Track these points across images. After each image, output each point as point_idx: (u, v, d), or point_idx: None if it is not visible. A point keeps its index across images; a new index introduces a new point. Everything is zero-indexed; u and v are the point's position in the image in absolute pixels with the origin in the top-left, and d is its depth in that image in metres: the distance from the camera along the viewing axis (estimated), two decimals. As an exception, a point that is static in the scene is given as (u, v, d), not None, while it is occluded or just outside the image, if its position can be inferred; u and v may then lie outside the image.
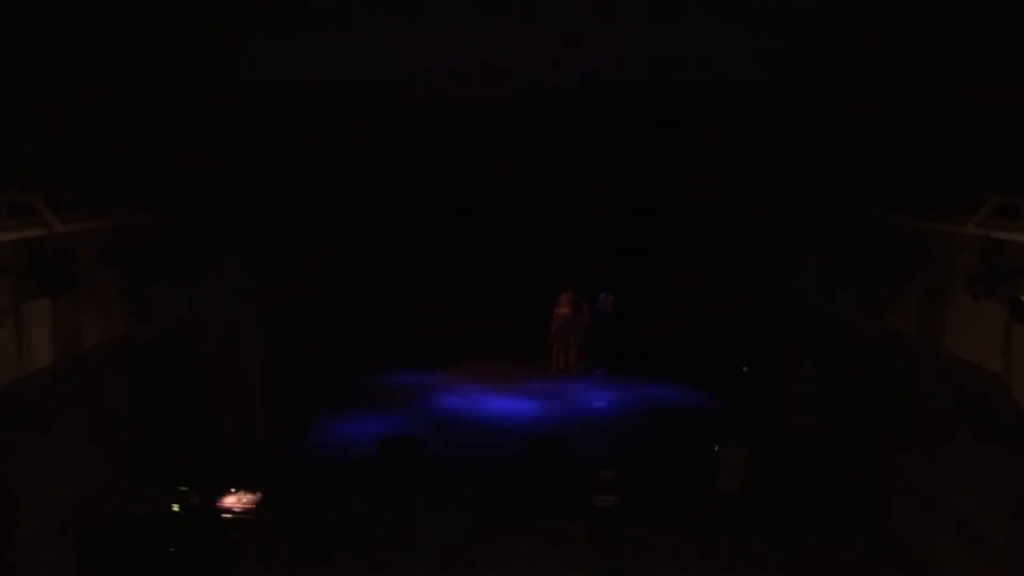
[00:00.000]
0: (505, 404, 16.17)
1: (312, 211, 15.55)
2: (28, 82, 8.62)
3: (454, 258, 18.91)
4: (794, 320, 14.29)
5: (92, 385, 10.48)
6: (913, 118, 10.10)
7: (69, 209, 8.37)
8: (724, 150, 15.55)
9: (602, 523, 10.39)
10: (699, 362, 17.44)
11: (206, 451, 12.73)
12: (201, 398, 13.42)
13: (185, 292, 12.11)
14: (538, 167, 17.75)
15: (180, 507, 10.01)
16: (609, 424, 15.24)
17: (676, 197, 17.38)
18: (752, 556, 10.63)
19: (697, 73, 12.23)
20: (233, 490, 10.63)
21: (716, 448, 11.49)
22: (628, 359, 18.23)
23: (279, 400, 14.23)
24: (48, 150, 8.96)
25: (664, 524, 11.06)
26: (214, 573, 9.78)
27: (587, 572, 10.29)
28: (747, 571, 10.40)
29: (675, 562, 10.45)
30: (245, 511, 10.36)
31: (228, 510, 10.34)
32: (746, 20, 9.60)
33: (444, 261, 18.90)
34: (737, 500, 11.30)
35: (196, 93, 11.64)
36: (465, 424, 15.02)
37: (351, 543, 10.82)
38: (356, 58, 11.31)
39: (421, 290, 18.76)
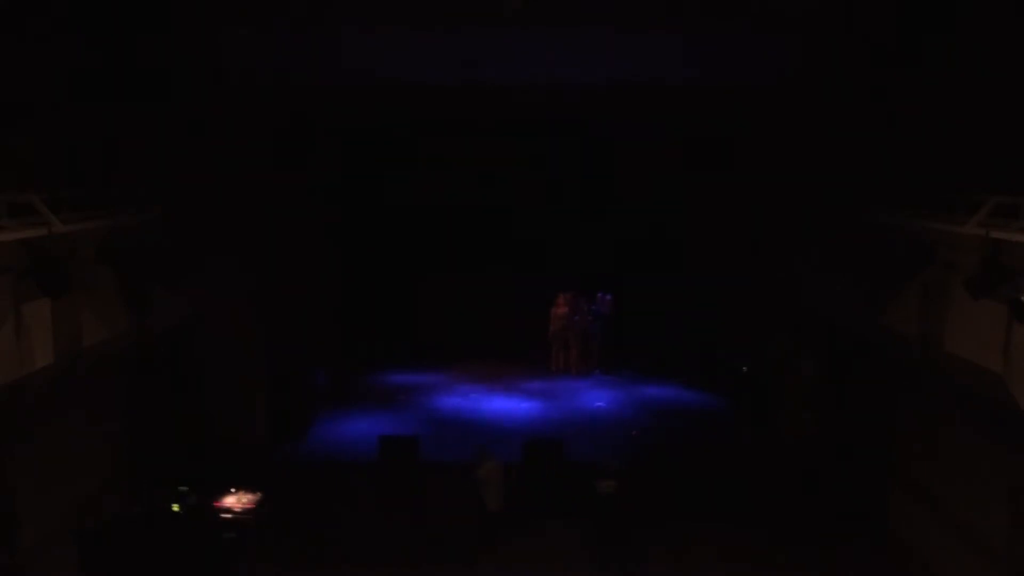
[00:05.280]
0: (505, 404, 16.17)
1: (312, 210, 15.55)
2: (28, 82, 8.63)
3: (453, 257, 18.90)
4: (794, 320, 14.29)
5: (92, 385, 10.48)
6: (914, 118, 10.10)
7: (69, 209, 8.38)
8: (724, 151, 15.55)
9: (604, 510, 10.39)
10: (699, 362, 17.45)
11: (206, 451, 12.73)
12: (201, 398, 13.42)
13: (185, 292, 12.10)
14: (538, 167, 17.74)
15: (180, 507, 10.00)
16: (609, 424, 15.23)
17: (676, 197, 17.37)
18: (752, 555, 10.64)
19: (697, 74, 12.24)
20: (233, 490, 10.63)
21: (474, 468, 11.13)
22: (628, 359, 18.25)
23: (279, 400, 14.23)
24: (48, 150, 8.96)
25: (664, 523, 11.06)
26: (214, 573, 9.78)
27: (587, 572, 10.29)
28: (747, 570, 10.40)
29: (675, 561, 10.46)
30: (245, 511, 10.37)
31: (228, 510, 10.35)
32: (749, 21, 9.60)
33: (443, 260, 18.89)
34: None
35: (195, 92, 11.63)
36: (465, 424, 15.02)
37: (351, 543, 10.83)
38: (352, 58, 11.32)
39: (421, 289, 18.77)
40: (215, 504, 10.38)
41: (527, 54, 11.18)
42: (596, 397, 16.72)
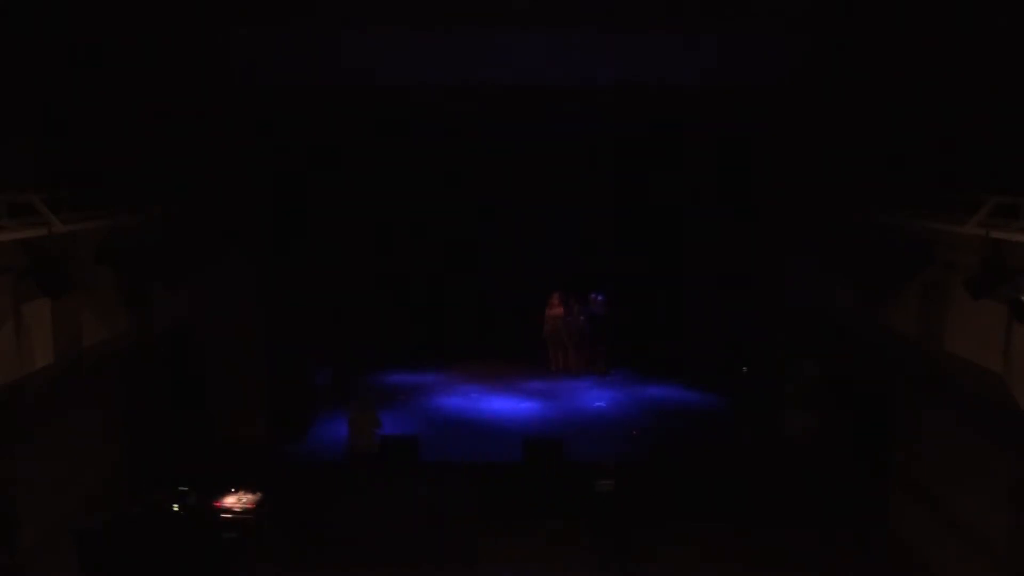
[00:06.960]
0: (505, 404, 16.16)
1: (311, 210, 15.55)
2: (28, 82, 8.63)
3: (452, 257, 18.89)
4: (794, 320, 14.29)
5: (92, 385, 10.48)
6: (913, 118, 10.10)
7: (69, 209, 8.38)
8: (724, 150, 15.55)
9: (603, 509, 10.40)
10: (699, 362, 17.45)
11: (206, 451, 12.73)
12: (201, 398, 13.41)
13: (185, 292, 12.10)
14: (536, 167, 17.75)
15: (180, 507, 10.00)
16: (609, 424, 15.23)
17: (676, 197, 17.38)
18: (752, 555, 10.64)
19: (697, 74, 12.24)
20: (233, 490, 10.63)
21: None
22: (628, 359, 18.24)
23: (279, 400, 14.23)
24: (48, 150, 8.96)
25: (663, 523, 11.06)
26: (214, 573, 9.78)
27: (587, 572, 10.29)
28: (746, 570, 10.40)
29: (675, 561, 10.46)
30: (245, 511, 10.35)
31: (228, 510, 10.34)
32: (749, 21, 9.62)
33: (442, 260, 18.88)
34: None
35: (195, 92, 11.64)
36: (465, 424, 15.01)
37: (351, 543, 10.83)
38: (352, 57, 11.32)
39: (421, 289, 18.76)
40: (215, 504, 10.36)
41: (527, 54, 11.19)
42: (596, 397, 16.72)
